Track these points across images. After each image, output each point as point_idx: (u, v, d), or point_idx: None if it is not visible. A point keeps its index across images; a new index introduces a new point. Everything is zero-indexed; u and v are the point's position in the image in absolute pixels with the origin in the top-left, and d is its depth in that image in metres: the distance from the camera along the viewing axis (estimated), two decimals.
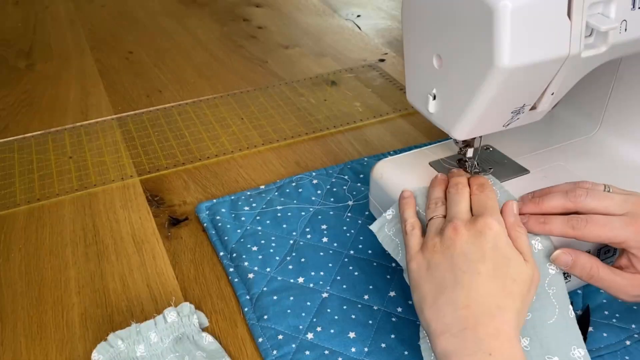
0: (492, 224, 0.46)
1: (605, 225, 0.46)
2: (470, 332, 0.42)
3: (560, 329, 0.47)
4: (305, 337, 0.54)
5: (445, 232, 0.47)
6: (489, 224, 0.46)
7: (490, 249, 0.45)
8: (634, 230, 0.45)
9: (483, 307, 0.43)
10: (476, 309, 0.43)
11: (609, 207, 0.46)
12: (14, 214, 0.72)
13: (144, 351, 0.52)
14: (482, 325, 0.42)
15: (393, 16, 1.29)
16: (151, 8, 1.38)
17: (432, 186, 0.54)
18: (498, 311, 0.43)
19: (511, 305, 0.43)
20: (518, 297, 0.44)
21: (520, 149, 0.62)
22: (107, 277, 0.63)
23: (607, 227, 0.46)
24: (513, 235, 0.47)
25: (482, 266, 0.44)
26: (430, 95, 0.52)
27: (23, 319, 0.58)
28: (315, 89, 0.99)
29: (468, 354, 0.41)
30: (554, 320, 0.47)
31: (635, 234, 0.45)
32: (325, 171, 0.76)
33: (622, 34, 0.46)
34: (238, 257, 0.63)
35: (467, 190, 0.51)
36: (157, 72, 1.07)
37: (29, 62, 1.13)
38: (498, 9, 0.41)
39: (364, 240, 0.65)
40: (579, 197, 0.47)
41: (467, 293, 0.44)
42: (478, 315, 0.43)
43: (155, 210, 0.72)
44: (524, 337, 0.46)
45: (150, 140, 0.86)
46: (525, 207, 0.50)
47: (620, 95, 0.61)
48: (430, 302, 0.45)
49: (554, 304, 0.48)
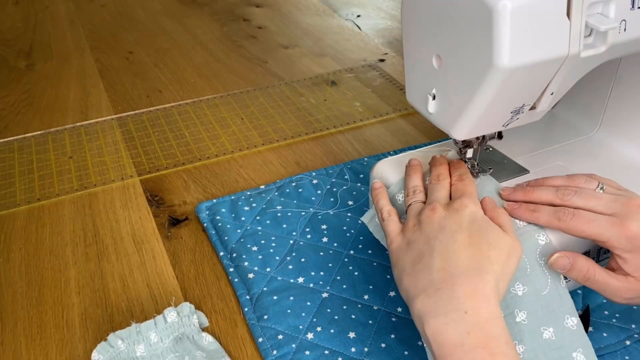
0: (468, 203, 0.48)
1: (591, 221, 0.47)
2: (445, 291, 0.42)
3: (554, 299, 0.47)
4: (305, 337, 0.54)
5: (424, 212, 0.49)
6: (465, 203, 0.48)
7: (466, 221, 0.46)
8: (617, 230, 0.46)
9: (459, 269, 0.43)
10: (452, 270, 0.43)
11: (595, 207, 0.47)
12: (14, 214, 0.72)
13: (144, 351, 0.52)
14: (458, 285, 0.42)
15: (393, 16, 1.29)
16: (151, 8, 1.38)
17: (407, 175, 0.55)
18: (475, 272, 0.43)
19: (489, 268, 0.43)
20: (496, 262, 0.44)
21: (520, 149, 0.62)
22: (107, 277, 0.63)
23: (591, 224, 0.46)
24: (492, 215, 0.48)
25: (458, 235, 0.45)
26: (429, 95, 0.52)
27: (23, 319, 0.58)
28: (315, 89, 0.99)
29: (443, 312, 0.41)
30: (547, 291, 0.48)
31: (619, 234, 0.46)
32: (325, 171, 0.76)
33: (622, 34, 0.46)
34: (238, 257, 0.63)
35: (448, 181, 0.53)
36: (157, 72, 1.07)
37: (29, 62, 1.13)
38: (497, 8, 0.41)
39: (364, 240, 0.65)
40: (567, 196, 0.49)
41: (443, 257, 0.44)
42: (454, 275, 0.43)
43: (155, 210, 0.72)
44: (521, 311, 0.46)
45: (150, 140, 0.86)
46: (515, 194, 0.51)
47: (620, 95, 0.61)
48: (409, 271, 0.46)
49: (546, 274, 0.48)
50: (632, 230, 0.45)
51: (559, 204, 0.49)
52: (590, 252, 0.53)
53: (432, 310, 0.42)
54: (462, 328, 0.40)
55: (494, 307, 0.42)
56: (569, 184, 0.51)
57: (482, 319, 0.41)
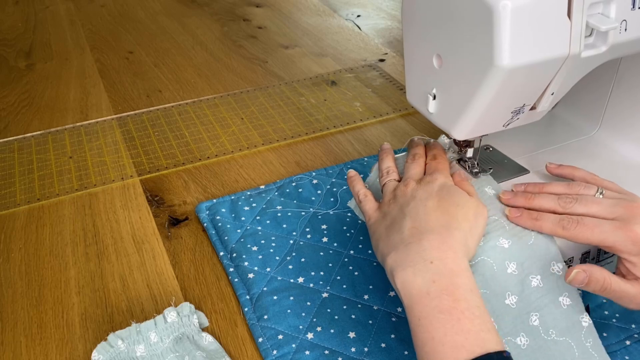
0: (438, 176, 0.52)
1: (595, 228, 0.47)
2: (414, 245, 0.45)
3: (540, 248, 0.49)
4: (305, 337, 0.54)
5: (399, 187, 0.53)
6: (436, 177, 0.52)
7: (436, 190, 0.50)
8: (622, 234, 0.46)
9: (428, 226, 0.47)
10: (421, 227, 0.47)
11: (597, 213, 0.48)
12: (14, 214, 0.72)
13: (144, 351, 0.52)
14: (426, 240, 0.45)
15: (393, 16, 1.29)
16: (151, 8, 1.38)
17: (380, 159, 0.59)
18: (443, 229, 0.46)
19: (456, 226, 0.47)
20: (463, 220, 0.47)
21: (520, 149, 0.62)
22: (107, 277, 0.63)
23: (596, 230, 0.47)
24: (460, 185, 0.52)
25: (428, 201, 0.49)
26: (430, 95, 0.52)
27: (23, 319, 0.58)
28: (315, 89, 0.99)
29: (411, 264, 0.44)
30: (532, 241, 0.49)
31: (624, 238, 0.46)
32: (325, 171, 0.76)
33: (622, 34, 0.46)
34: (238, 257, 0.63)
35: (423, 160, 0.56)
36: (157, 72, 1.07)
37: (29, 62, 1.13)
38: (498, 8, 0.41)
39: (364, 240, 0.65)
40: (568, 204, 0.49)
41: (414, 219, 0.48)
42: (423, 232, 0.46)
43: (155, 210, 0.72)
44: (511, 262, 0.48)
45: (150, 140, 0.86)
46: (516, 199, 0.52)
47: (620, 95, 0.61)
48: (383, 236, 0.49)
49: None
50: (636, 233, 0.45)
51: (561, 213, 0.49)
52: (590, 252, 0.53)
53: (402, 262, 0.45)
54: (428, 277, 0.43)
55: (460, 259, 0.44)
56: (569, 192, 0.51)
57: (447, 269, 0.43)
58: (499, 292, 0.48)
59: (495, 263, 0.48)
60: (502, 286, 0.48)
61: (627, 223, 0.46)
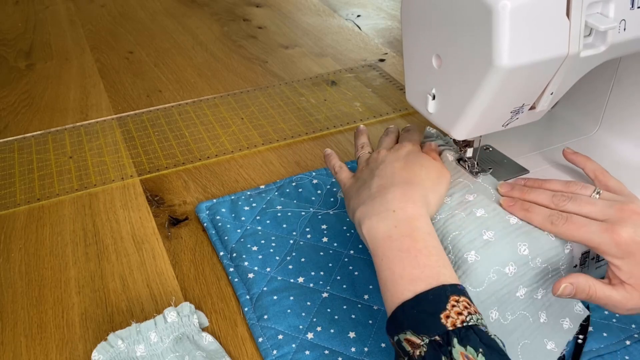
0: (407, 144, 0.56)
1: (582, 227, 0.47)
2: (378, 198, 0.50)
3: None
4: (305, 337, 0.54)
5: (371, 156, 0.57)
6: (405, 144, 0.56)
7: (404, 155, 0.54)
8: (607, 236, 0.46)
9: (392, 181, 0.51)
10: (387, 183, 0.51)
11: (589, 213, 0.48)
12: (14, 214, 0.72)
13: (144, 351, 0.52)
14: (390, 193, 0.50)
15: (393, 16, 1.29)
16: (151, 8, 1.38)
17: (355, 137, 0.64)
18: (406, 185, 0.50)
19: (419, 183, 0.51)
20: (426, 178, 0.51)
21: (520, 149, 0.62)
22: (107, 277, 0.63)
23: (583, 229, 0.47)
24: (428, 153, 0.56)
25: (395, 163, 0.53)
26: (429, 95, 0.52)
27: (23, 319, 0.58)
28: (315, 89, 0.99)
29: (376, 213, 0.49)
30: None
31: (608, 240, 0.46)
32: (325, 171, 0.76)
33: (621, 34, 0.46)
34: (238, 257, 0.63)
35: (395, 135, 0.61)
36: (157, 72, 1.07)
37: (29, 62, 1.13)
38: (497, 8, 0.41)
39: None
40: (561, 201, 0.50)
41: (381, 177, 0.52)
42: (387, 186, 0.51)
43: (155, 210, 0.72)
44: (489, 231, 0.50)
45: (150, 140, 0.86)
46: (513, 191, 0.53)
47: (620, 95, 0.61)
48: (354, 196, 0.53)
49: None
50: (621, 237, 0.45)
51: (553, 209, 0.50)
52: (590, 252, 0.53)
53: (368, 213, 0.49)
54: (390, 223, 0.47)
55: (419, 208, 0.48)
56: (565, 190, 0.51)
57: (408, 215, 0.48)
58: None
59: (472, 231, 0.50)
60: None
61: (614, 225, 0.46)
